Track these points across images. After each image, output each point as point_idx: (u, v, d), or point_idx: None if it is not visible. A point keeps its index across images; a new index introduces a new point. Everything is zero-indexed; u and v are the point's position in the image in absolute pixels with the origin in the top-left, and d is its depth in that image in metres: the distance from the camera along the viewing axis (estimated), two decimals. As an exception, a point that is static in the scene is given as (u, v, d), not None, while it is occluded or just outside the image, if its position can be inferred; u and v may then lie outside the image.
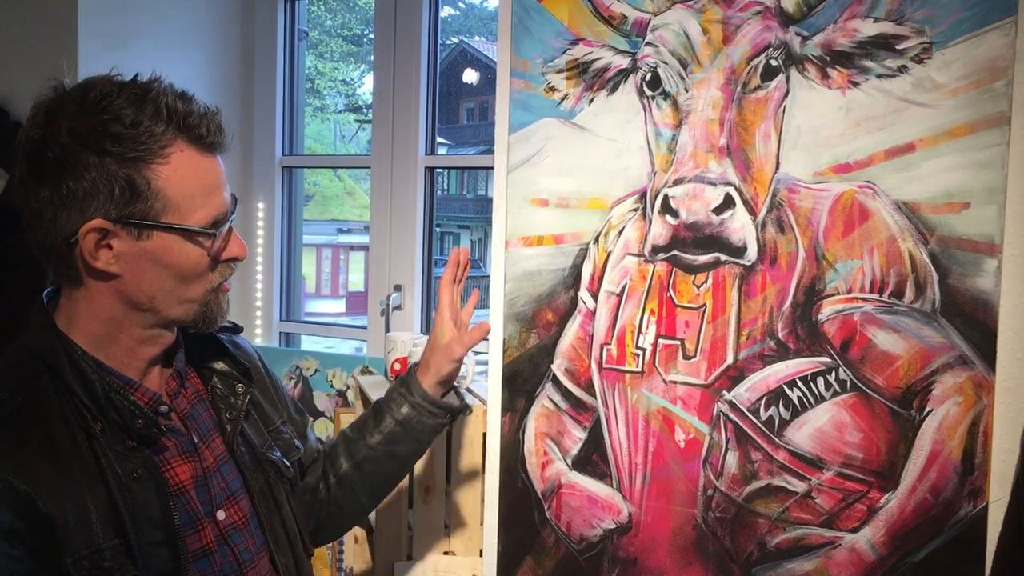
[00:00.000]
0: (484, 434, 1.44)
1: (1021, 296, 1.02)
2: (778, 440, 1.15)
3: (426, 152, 2.39)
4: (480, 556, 1.47)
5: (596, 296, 1.28)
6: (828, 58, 1.11)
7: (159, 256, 0.92)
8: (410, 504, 1.63)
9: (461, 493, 1.55)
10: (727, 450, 1.19)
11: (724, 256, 1.18)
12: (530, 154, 1.32)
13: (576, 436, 1.31)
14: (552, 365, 1.32)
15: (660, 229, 1.22)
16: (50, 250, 0.91)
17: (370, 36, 2.76)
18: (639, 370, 1.25)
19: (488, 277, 1.38)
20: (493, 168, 1.35)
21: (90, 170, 0.87)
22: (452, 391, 1.28)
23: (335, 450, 1.25)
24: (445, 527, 1.59)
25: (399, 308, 2.40)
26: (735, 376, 1.18)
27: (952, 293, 1.06)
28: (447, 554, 1.57)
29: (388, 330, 2.33)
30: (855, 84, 1.10)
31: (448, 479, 1.58)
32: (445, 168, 2.60)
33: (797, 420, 1.14)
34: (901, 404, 1.09)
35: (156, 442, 0.94)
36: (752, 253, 1.16)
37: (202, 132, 0.93)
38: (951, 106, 1.05)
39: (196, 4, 2.48)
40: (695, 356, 1.21)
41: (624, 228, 1.25)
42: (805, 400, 1.14)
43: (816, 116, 1.12)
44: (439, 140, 2.47)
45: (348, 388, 2.39)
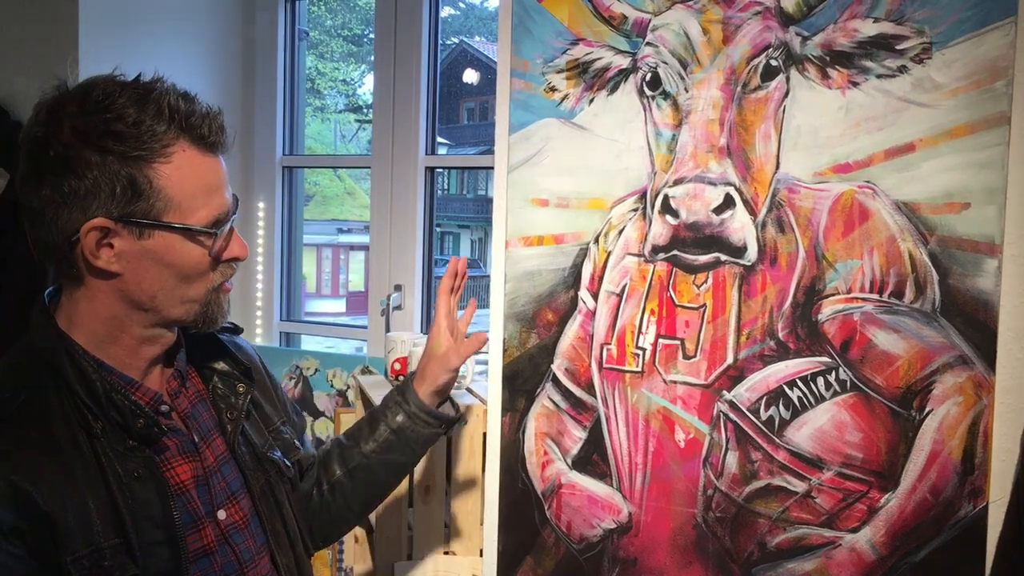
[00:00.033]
0: (484, 434, 1.44)
1: (1021, 296, 1.02)
2: (778, 440, 1.15)
3: (426, 152, 2.40)
4: (480, 556, 1.47)
5: (596, 296, 1.28)
6: (828, 58, 1.11)
7: (160, 255, 0.92)
8: (410, 504, 1.63)
9: (461, 493, 1.55)
10: (727, 450, 1.19)
11: (724, 256, 1.18)
12: (530, 154, 1.32)
13: (576, 436, 1.31)
14: (552, 365, 1.32)
15: (660, 229, 1.22)
16: (51, 249, 0.91)
17: (370, 36, 2.76)
18: (639, 370, 1.25)
19: (488, 277, 1.38)
20: (493, 168, 1.35)
21: (92, 168, 0.87)
22: (448, 401, 1.27)
23: (329, 456, 1.24)
24: (445, 527, 1.59)
25: (399, 308, 2.40)
26: (735, 376, 1.18)
27: (952, 293, 1.06)
28: (447, 554, 1.57)
29: (388, 330, 2.33)
30: (855, 84, 1.10)
31: (448, 479, 1.58)
32: (445, 168, 2.61)
33: (797, 420, 1.14)
34: (901, 404, 1.09)
35: (157, 442, 0.94)
36: (752, 253, 1.16)
37: (204, 132, 0.93)
38: (951, 106, 1.05)
39: (197, 5, 2.48)
40: (695, 356, 1.21)
41: (624, 228, 1.25)
42: (805, 400, 1.14)
43: (816, 116, 1.12)
44: (439, 140, 2.47)
45: (348, 388, 2.39)
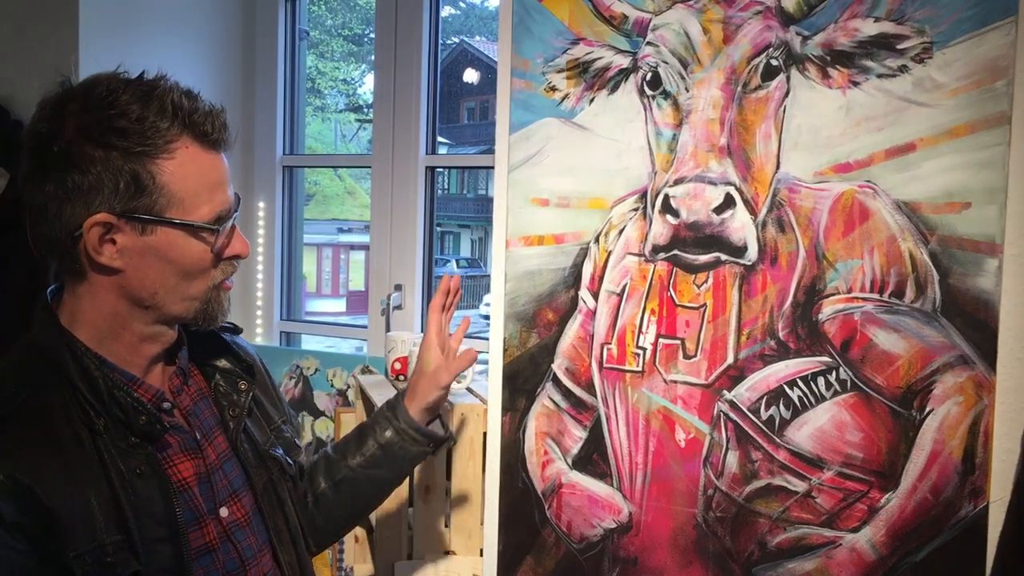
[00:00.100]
0: (484, 433, 1.44)
1: (1022, 296, 1.02)
2: (778, 440, 1.15)
3: (427, 151, 2.39)
4: (480, 555, 1.47)
5: (596, 296, 1.28)
6: (829, 58, 1.11)
7: (163, 251, 0.92)
8: (410, 503, 1.63)
9: (461, 492, 1.55)
10: (727, 450, 1.19)
11: (724, 256, 1.18)
12: (531, 154, 1.32)
13: (576, 435, 1.31)
14: (552, 364, 1.32)
15: (661, 229, 1.22)
16: (54, 245, 0.92)
17: (371, 36, 2.76)
18: (639, 370, 1.25)
19: (489, 276, 1.38)
20: (493, 168, 1.35)
21: (95, 164, 0.88)
22: (437, 419, 1.27)
23: (315, 468, 1.24)
24: (445, 527, 1.59)
25: (399, 307, 2.40)
26: (735, 376, 1.18)
27: (953, 293, 1.06)
28: (447, 553, 1.57)
29: (388, 329, 2.33)
30: (856, 84, 1.10)
31: (448, 478, 1.58)
32: (446, 168, 2.60)
33: (797, 420, 1.14)
34: (902, 404, 1.09)
35: (159, 439, 0.95)
36: (752, 253, 1.16)
37: (207, 129, 0.93)
38: (952, 106, 1.05)
39: (197, 5, 2.48)
40: (695, 356, 1.21)
41: (625, 228, 1.25)
42: (805, 400, 1.14)
43: (817, 116, 1.12)
44: (440, 140, 2.47)
45: (348, 387, 2.39)
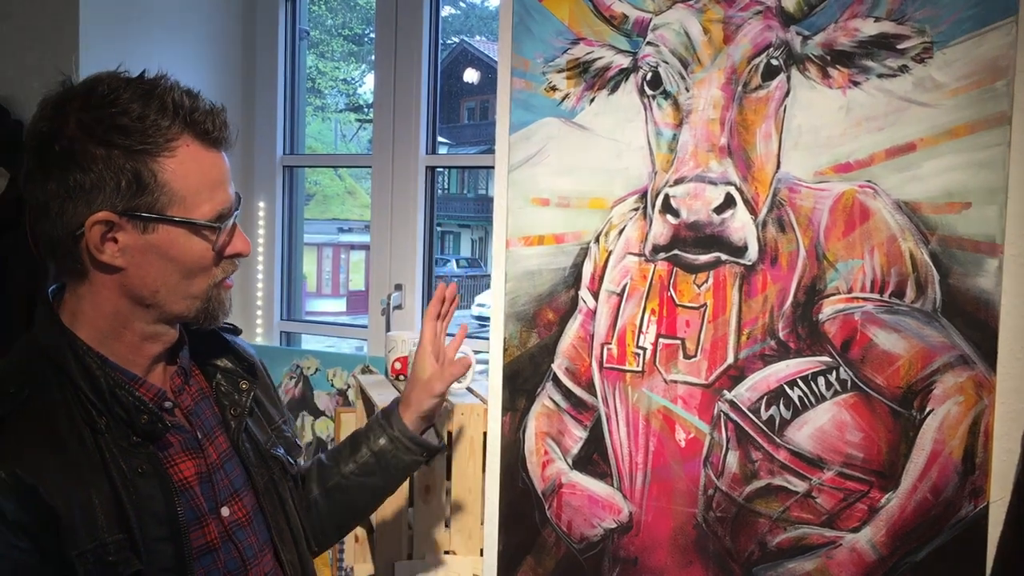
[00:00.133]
0: (484, 434, 1.44)
1: (1021, 296, 1.02)
2: (779, 440, 1.15)
3: (427, 151, 2.40)
4: (480, 555, 1.47)
5: (597, 295, 1.28)
6: (829, 57, 1.11)
7: (164, 249, 0.92)
8: (410, 504, 1.63)
9: (461, 492, 1.55)
10: (728, 450, 1.19)
11: (725, 256, 1.18)
12: (531, 153, 1.32)
13: (577, 435, 1.31)
14: (553, 364, 1.32)
15: (661, 228, 1.22)
16: (56, 244, 0.92)
17: (371, 35, 2.76)
18: (640, 369, 1.25)
19: (489, 276, 1.38)
20: (494, 167, 1.35)
21: (97, 162, 0.88)
22: (432, 429, 1.26)
23: (307, 475, 1.23)
24: (445, 526, 1.59)
25: (400, 307, 2.40)
26: (736, 376, 1.18)
27: (953, 293, 1.06)
28: (448, 553, 1.57)
29: (389, 329, 2.33)
30: (856, 84, 1.10)
31: (448, 478, 1.58)
32: (446, 167, 2.60)
33: (798, 420, 1.14)
34: (902, 404, 1.09)
35: (160, 438, 0.95)
36: (753, 253, 1.16)
37: (208, 127, 0.93)
38: (952, 106, 1.05)
39: (197, 4, 2.48)
40: (696, 355, 1.21)
41: (625, 227, 1.25)
42: (806, 400, 1.14)
43: (817, 116, 1.12)
44: (440, 139, 2.47)
45: (349, 387, 2.39)
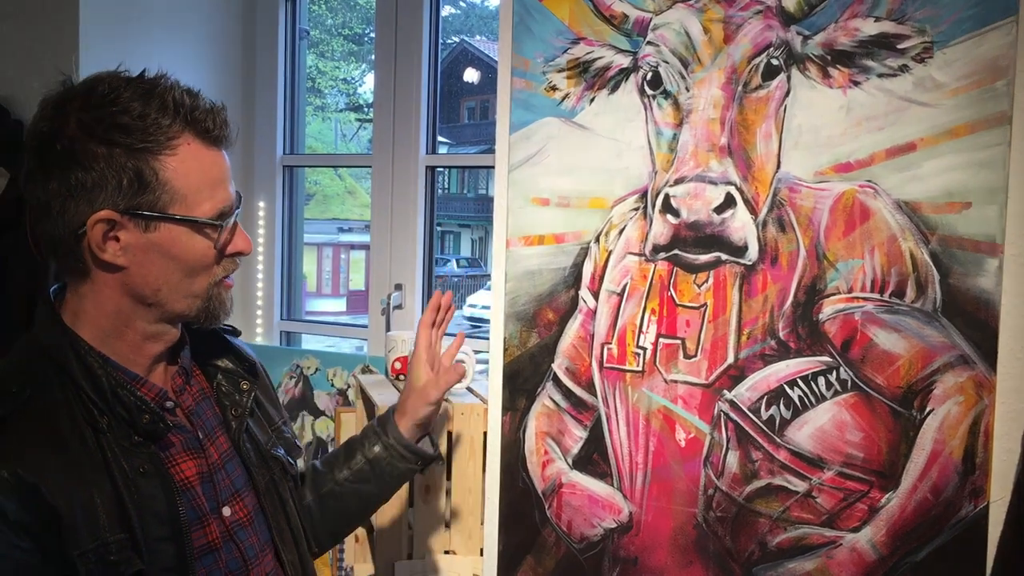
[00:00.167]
0: (484, 433, 1.44)
1: (1021, 296, 1.02)
2: (779, 439, 1.15)
3: (427, 151, 2.40)
4: (480, 555, 1.47)
5: (597, 295, 1.28)
6: (829, 57, 1.11)
7: (166, 248, 0.92)
8: (410, 504, 1.63)
9: (461, 492, 1.55)
10: (728, 449, 1.19)
11: (725, 255, 1.18)
12: (531, 153, 1.32)
13: (577, 435, 1.31)
14: (553, 364, 1.32)
15: (661, 228, 1.22)
16: (57, 243, 0.92)
17: (371, 35, 2.76)
18: (640, 369, 1.25)
19: (489, 276, 1.37)
20: (494, 167, 1.35)
21: (98, 161, 0.88)
22: (427, 438, 1.26)
23: (302, 481, 1.22)
24: (446, 526, 1.59)
25: (400, 307, 2.40)
26: (736, 375, 1.18)
27: (953, 293, 1.06)
28: (448, 553, 1.57)
29: (389, 329, 2.33)
30: (856, 83, 1.10)
31: (448, 478, 1.58)
32: (446, 167, 2.60)
33: (798, 419, 1.14)
34: (902, 404, 1.09)
35: (162, 438, 0.95)
36: (753, 252, 1.16)
37: (208, 125, 0.93)
38: (952, 106, 1.05)
39: (197, 4, 2.48)
40: (696, 355, 1.21)
41: (625, 227, 1.25)
42: (806, 399, 1.14)
43: (817, 115, 1.12)
44: (440, 139, 2.47)
45: (349, 387, 2.39)
